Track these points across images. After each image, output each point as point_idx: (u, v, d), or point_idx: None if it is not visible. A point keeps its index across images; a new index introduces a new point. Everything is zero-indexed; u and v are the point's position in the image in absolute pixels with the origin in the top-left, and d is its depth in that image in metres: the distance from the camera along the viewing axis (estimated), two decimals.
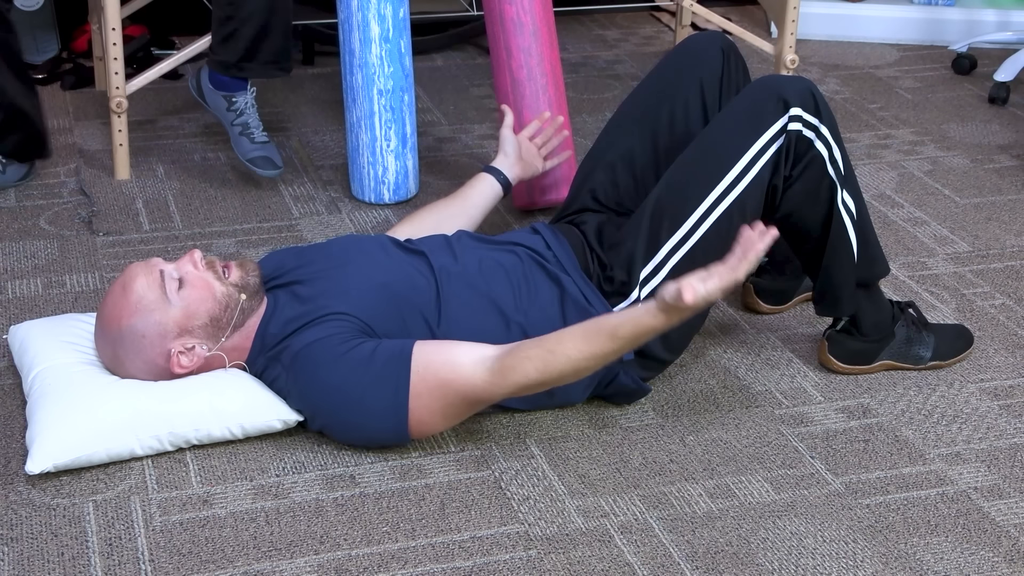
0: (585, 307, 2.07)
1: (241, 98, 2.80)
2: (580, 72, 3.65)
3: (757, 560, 1.81)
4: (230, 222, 2.74)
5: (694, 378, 2.23)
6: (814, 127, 2.07)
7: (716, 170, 2.07)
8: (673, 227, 2.08)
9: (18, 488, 1.91)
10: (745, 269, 1.84)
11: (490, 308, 2.05)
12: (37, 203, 2.77)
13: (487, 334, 2.00)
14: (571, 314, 2.06)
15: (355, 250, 2.12)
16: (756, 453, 2.04)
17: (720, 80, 2.27)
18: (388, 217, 2.78)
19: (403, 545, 1.82)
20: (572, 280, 2.10)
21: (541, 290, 2.09)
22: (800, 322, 2.42)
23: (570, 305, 2.07)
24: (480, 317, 2.04)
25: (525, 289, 2.08)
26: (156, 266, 2.01)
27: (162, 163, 3.00)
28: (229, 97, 2.80)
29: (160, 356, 1.99)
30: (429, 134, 3.20)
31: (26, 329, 2.17)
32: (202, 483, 1.93)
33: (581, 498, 1.93)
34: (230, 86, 2.80)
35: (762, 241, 1.84)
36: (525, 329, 2.03)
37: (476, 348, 1.92)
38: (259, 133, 2.83)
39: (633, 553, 1.82)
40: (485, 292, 2.06)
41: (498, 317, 2.05)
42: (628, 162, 2.29)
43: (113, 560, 1.78)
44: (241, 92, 2.80)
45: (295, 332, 1.99)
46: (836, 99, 3.43)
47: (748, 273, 1.85)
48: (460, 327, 2.02)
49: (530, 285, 2.09)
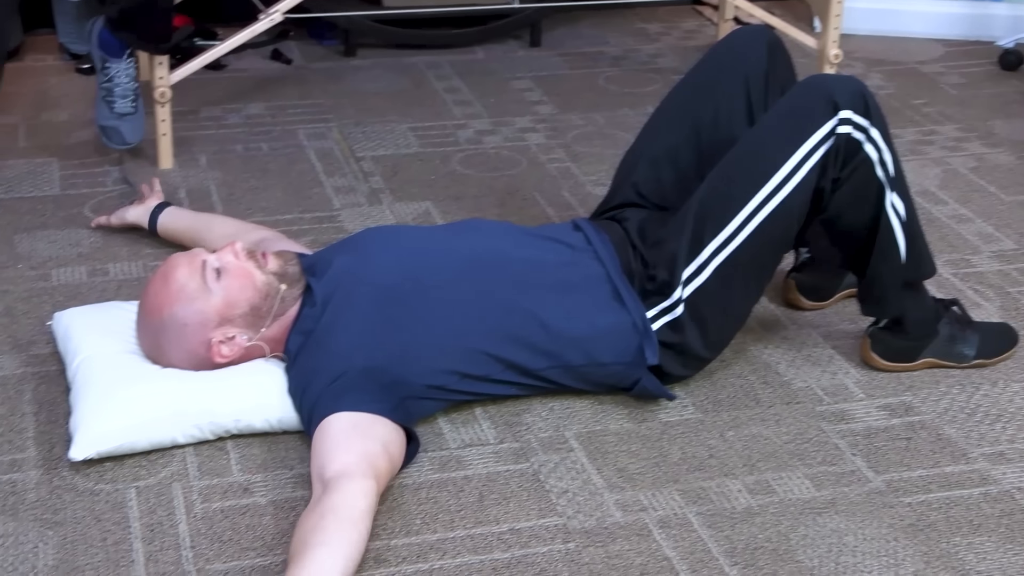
0: (617, 308, 2.06)
1: (115, 65, 2.79)
2: (621, 66, 3.64)
3: (797, 557, 1.80)
4: (271, 212, 2.75)
5: (734, 373, 2.22)
6: (864, 129, 2.04)
7: (762, 172, 2.05)
8: (717, 228, 2.06)
9: (62, 473, 1.93)
10: None
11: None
12: (82, 192, 2.80)
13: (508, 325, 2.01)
14: (603, 317, 2.05)
15: (378, 238, 2.13)
16: (796, 449, 2.03)
17: (766, 77, 2.25)
18: (429, 209, 2.78)
19: (441, 536, 1.82)
20: (611, 279, 2.09)
21: (577, 289, 2.08)
22: (842, 318, 2.40)
23: (605, 306, 2.06)
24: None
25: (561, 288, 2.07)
26: (198, 255, 2.02)
27: (205, 153, 3.01)
28: (104, 59, 2.79)
29: (201, 345, 2.01)
30: (469, 126, 3.20)
31: (70, 316, 2.19)
32: (242, 471, 1.95)
33: (620, 492, 1.92)
34: (109, 48, 2.78)
35: None
36: (553, 329, 2.03)
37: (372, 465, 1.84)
38: (123, 104, 2.80)
39: (671, 548, 1.81)
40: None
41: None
42: (671, 158, 2.28)
43: (155, 546, 1.79)
44: (116, 59, 2.78)
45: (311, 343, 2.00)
46: (880, 95, 3.40)
47: None
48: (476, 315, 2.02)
49: (566, 284, 2.08)
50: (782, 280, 2.44)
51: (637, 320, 2.06)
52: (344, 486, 1.76)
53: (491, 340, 2.02)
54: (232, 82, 3.44)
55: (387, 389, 1.93)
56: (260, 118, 3.21)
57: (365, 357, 1.94)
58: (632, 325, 2.06)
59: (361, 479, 1.78)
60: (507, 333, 2.02)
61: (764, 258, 2.11)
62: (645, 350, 2.06)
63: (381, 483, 1.82)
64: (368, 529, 1.74)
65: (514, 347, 2.02)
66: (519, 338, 2.02)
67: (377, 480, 1.80)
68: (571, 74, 3.57)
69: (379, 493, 1.81)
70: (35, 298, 2.39)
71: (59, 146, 3.02)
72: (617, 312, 2.06)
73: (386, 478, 1.85)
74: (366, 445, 1.84)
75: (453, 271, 2.05)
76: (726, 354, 2.25)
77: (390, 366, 1.95)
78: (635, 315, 2.06)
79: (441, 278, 2.04)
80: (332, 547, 1.68)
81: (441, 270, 2.05)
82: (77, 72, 3.46)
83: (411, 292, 2.01)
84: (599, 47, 3.77)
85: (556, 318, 2.03)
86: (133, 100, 2.81)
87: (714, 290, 2.07)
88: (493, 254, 2.09)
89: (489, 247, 2.11)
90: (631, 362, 2.07)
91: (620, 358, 2.07)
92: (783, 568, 1.78)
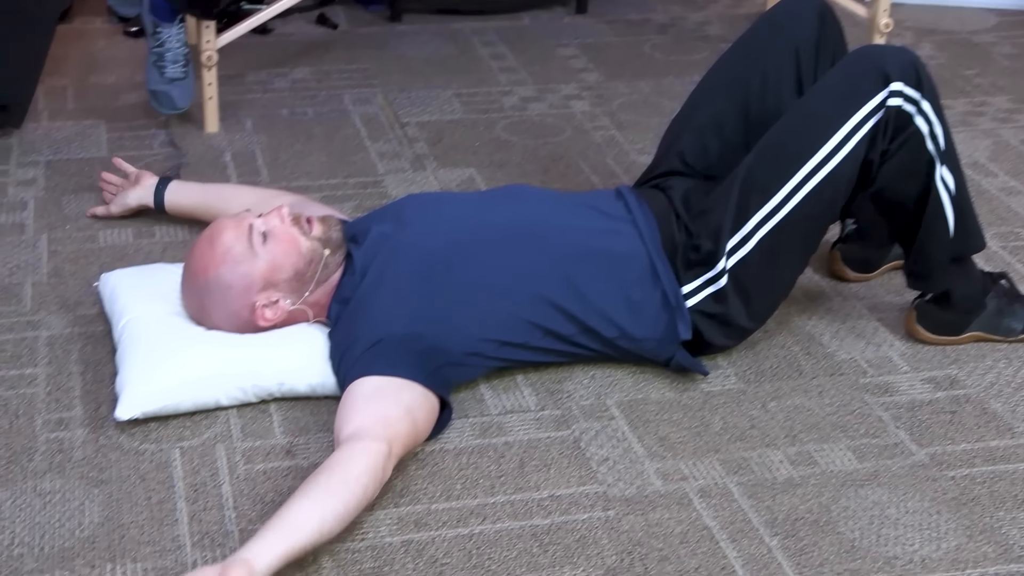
0: (652, 282, 2.05)
1: (166, 30, 2.79)
2: (668, 33, 3.61)
3: (838, 528, 1.80)
4: (316, 177, 2.76)
5: (777, 344, 2.21)
6: (915, 102, 2.02)
7: (810, 143, 2.03)
8: (763, 199, 2.05)
9: (108, 433, 1.95)
10: None
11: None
12: (129, 154, 2.81)
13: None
14: (637, 290, 2.04)
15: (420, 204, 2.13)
16: (839, 421, 2.02)
17: (816, 46, 2.22)
18: (472, 175, 2.78)
19: (482, 501, 1.83)
20: (648, 252, 2.08)
21: (614, 260, 2.07)
22: (888, 291, 2.38)
23: (639, 279, 2.06)
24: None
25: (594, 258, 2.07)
26: (245, 219, 2.03)
27: (250, 117, 3.02)
28: (156, 24, 2.80)
29: (245, 308, 2.02)
30: (514, 93, 3.19)
31: (117, 278, 2.21)
32: (285, 434, 1.96)
33: (660, 461, 1.92)
34: (161, 13, 2.79)
35: None
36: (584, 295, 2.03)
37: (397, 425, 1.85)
38: (173, 68, 2.81)
39: (712, 517, 1.81)
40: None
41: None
42: (717, 127, 2.26)
43: (198, 505, 1.81)
44: (167, 24, 2.79)
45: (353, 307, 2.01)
46: (931, 64, 3.34)
47: None
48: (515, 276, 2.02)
49: (604, 253, 2.07)
50: (827, 251, 2.43)
51: (671, 295, 2.05)
52: (349, 446, 1.78)
53: (530, 307, 2.02)
54: (278, 46, 3.45)
55: (423, 355, 1.93)
56: (306, 82, 3.22)
57: (403, 324, 1.95)
58: (665, 300, 2.05)
59: (369, 440, 1.78)
60: (546, 300, 2.02)
61: (809, 229, 2.09)
62: (678, 325, 2.05)
63: (398, 446, 1.82)
64: (364, 488, 1.73)
65: (552, 314, 2.02)
66: (557, 305, 2.02)
67: (390, 443, 1.80)
68: (617, 41, 3.55)
69: (394, 455, 1.80)
70: (82, 259, 2.42)
71: (107, 108, 3.04)
72: (651, 286, 2.05)
73: (406, 441, 1.84)
74: (386, 408, 1.84)
75: (493, 239, 2.05)
76: (769, 325, 2.23)
77: (428, 333, 1.95)
78: (669, 290, 2.05)
79: (481, 246, 2.04)
80: (312, 501, 1.69)
81: (481, 238, 2.05)
82: (125, 35, 3.48)
83: (450, 260, 2.01)
84: (646, 14, 3.74)
85: (592, 288, 2.03)
86: (184, 65, 2.83)
87: (758, 261, 2.06)
88: (533, 221, 2.08)
89: (529, 214, 2.10)
90: (663, 337, 2.06)
91: (652, 333, 2.06)
92: (824, 539, 1.77)
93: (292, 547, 1.65)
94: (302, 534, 1.66)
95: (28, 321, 2.22)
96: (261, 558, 1.61)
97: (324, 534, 1.68)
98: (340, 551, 1.73)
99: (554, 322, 2.03)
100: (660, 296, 2.05)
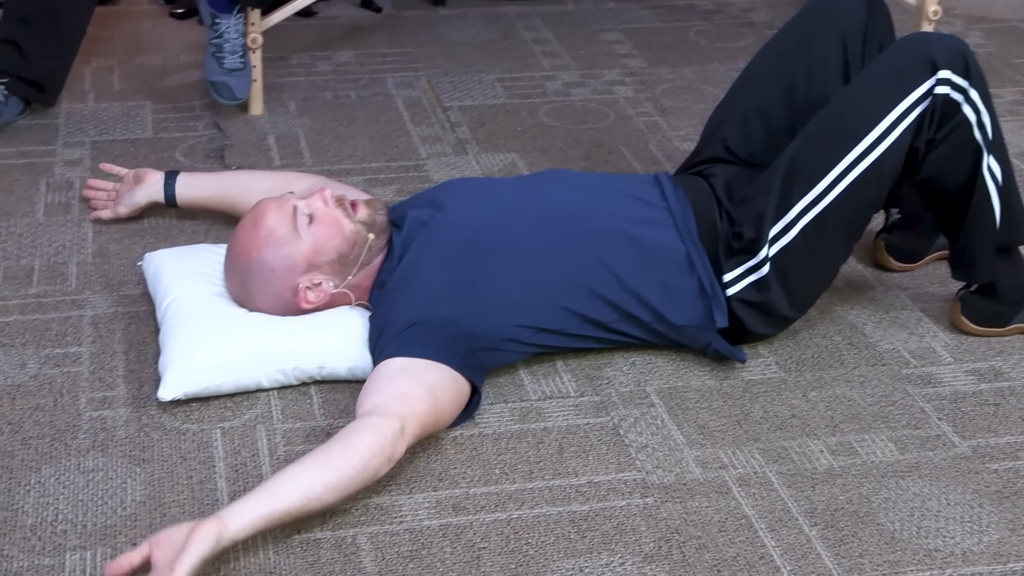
0: (687, 269, 2.04)
1: (224, 21, 2.81)
2: (713, 20, 3.59)
3: (878, 520, 1.78)
4: (358, 160, 2.76)
5: (819, 334, 2.20)
6: (963, 90, 2.00)
7: (855, 130, 2.01)
8: (807, 186, 2.03)
9: (150, 412, 1.97)
10: None
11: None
12: (173, 135, 2.83)
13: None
14: (673, 277, 2.04)
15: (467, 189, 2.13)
16: (881, 412, 2.01)
17: (864, 33, 2.20)
18: (515, 160, 2.78)
19: (520, 487, 1.83)
20: (683, 240, 2.06)
21: (650, 246, 2.06)
22: (932, 281, 2.36)
23: (675, 266, 2.05)
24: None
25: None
26: (288, 201, 2.04)
27: (294, 99, 3.03)
28: (214, 16, 2.81)
29: (288, 290, 2.03)
30: (557, 78, 3.19)
31: (160, 257, 2.22)
32: (325, 416, 1.97)
33: (700, 448, 1.92)
34: (219, 5, 2.80)
35: None
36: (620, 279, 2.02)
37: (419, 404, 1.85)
38: (232, 59, 2.83)
39: (751, 506, 1.81)
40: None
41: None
42: (762, 114, 2.25)
43: (239, 486, 1.82)
44: (226, 15, 2.81)
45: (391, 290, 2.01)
46: (979, 52, 3.31)
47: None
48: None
49: (640, 240, 2.06)
50: (871, 241, 2.41)
51: (706, 283, 2.04)
52: (361, 420, 1.78)
53: (567, 294, 2.01)
54: (322, 29, 3.46)
55: (456, 340, 1.93)
56: (349, 66, 3.23)
57: (437, 309, 1.95)
58: (700, 288, 2.04)
59: (381, 417, 1.78)
60: (583, 286, 2.01)
61: (853, 218, 2.08)
62: (714, 313, 2.04)
63: (414, 425, 1.81)
64: (364, 462, 1.73)
65: (589, 300, 2.02)
66: (593, 291, 2.01)
67: (404, 420, 1.79)
68: (661, 27, 3.53)
69: (408, 434, 1.79)
70: (127, 239, 2.44)
71: (152, 89, 3.06)
72: (687, 273, 2.04)
73: (424, 420, 1.83)
74: (407, 387, 1.85)
75: (529, 225, 2.04)
76: (811, 314, 2.22)
77: (462, 318, 1.95)
78: (704, 277, 2.04)
79: (517, 232, 2.03)
80: (304, 468, 1.70)
81: (517, 224, 2.04)
82: (171, 17, 3.50)
83: (486, 245, 2.01)
84: (690, 0, 3.72)
85: (628, 273, 2.02)
86: (242, 56, 2.85)
87: (801, 249, 2.05)
88: (569, 207, 2.08)
89: (565, 200, 2.09)
90: (699, 324, 2.06)
91: (689, 320, 2.05)
92: (863, 530, 1.76)
93: (273, 510, 1.65)
94: (285, 499, 1.66)
95: (73, 300, 2.24)
96: (237, 517, 1.63)
97: (311, 501, 1.68)
98: (378, 534, 1.74)
99: (591, 308, 2.03)
100: (696, 283, 2.05)
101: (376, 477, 1.76)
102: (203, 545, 1.58)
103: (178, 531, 1.60)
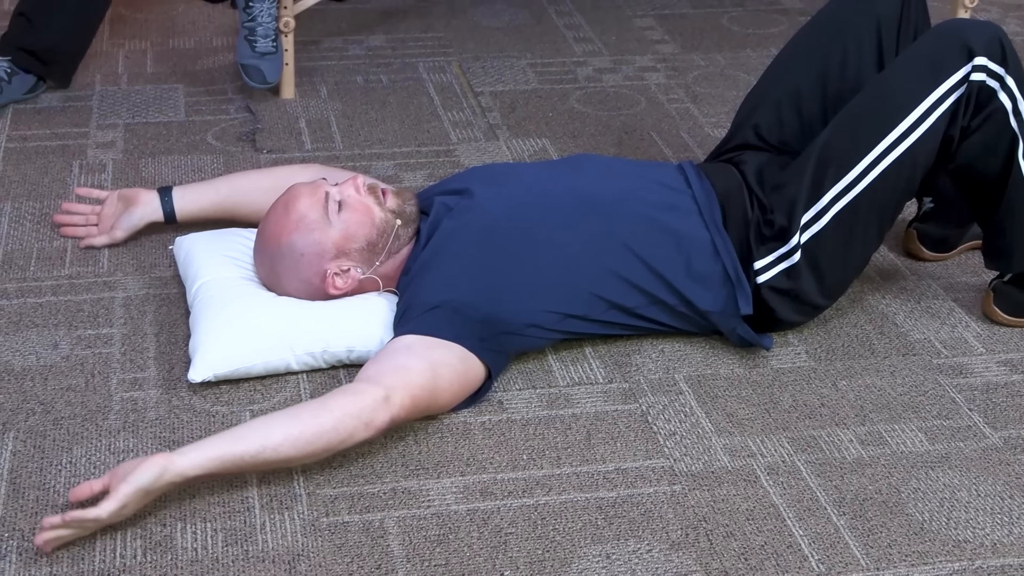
0: (711, 256, 2.03)
1: (258, 4, 2.82)
2: (746, 6, 3.57)
3: (907, 510, 1.78)
4: (389, 145, 2.76)
5: (850, 323, 2.19)
6: (999, 77, 1.98)
7: (889, 117, 2.00)
8: (839, 173, 2.02)
9: (181, 394, 1.98)
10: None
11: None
12: (205, 119, 2.84)
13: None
14: (698, 263, 2.03)
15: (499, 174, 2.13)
16: (911, 402, 2.00)
17: (898, 20, 2.19)
18: (545, 146, 2.77)
19: (548, 472, 1.84)
20: (707, 227, 2.05)
21: (676, 232, 2.05)
22: (964, 271, 2.35)
23: (699, 253, 2.04)
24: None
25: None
26: (320, 187, 2.04)
27: (325, 84, 3.04)
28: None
29: (316, 276, 2.03)
30: (589, 64, 3.18)
31: (191, 241, 2.23)
32: None
33: (728, 436, 1.91)
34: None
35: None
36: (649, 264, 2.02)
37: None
38: (264, 43, 2.83)
39: (779, 495, 1.80)
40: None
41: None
42: (794, 101, 2.23)
43: None
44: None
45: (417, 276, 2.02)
46: (1016, 40, 3.28)
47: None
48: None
49: (666, 226, 2.05)
50: (903, 229, 2.39)
51: (730, 269, 2.03)
52: (345, 386, 1.82)
53: (594, 279, 2.01)
54: (354, 13, 3.46)
55: (477, 323, 1.94)
56: (381, 50, 3.23)
57: (459, 293, 1.95)
58: (724, 274, 2.04)
59: (367, 383, 1.80)
60: (610, 271, 2.01)
61: (885, 206, 2.06)
62: (739, 300, 2.04)
63: (403, 395, 1.81)
64: (336, 423, 1.74)
65: (616, 285, 2.02)
66: (620, 276, 2.01)
67: (391, 390, 1.80)
68: (694, 13, 3.51)
69: (394, 403, 1.79)
70: (158, 222, 2.44)
71: (185, 72, 3.07)
72: (712, 259, 2.04)
73: (416, 393, 1.83)
74: (406, 360, 1.85)
75: (555, 212, 2.04)
76: (842, 302, 2.21)
77: (484, 304, 1.95)
78: (728, 264, 2.03)
79: (543, 218, 2.03)
80: (269, 418, 1.75)
81: (543, 211, 2.04)
82: (204, 0, 3.50)
83: (513, 233, 2.01)
84: None
85: (655, 258, 2.02)
86: (274, 40, 2.86)
87: (832, 237, 2.04)
88: (596, 193, 2.07)
89: (592, 186, 2.09)
90: (724, 311, 2.05)
91: (713, 306, 2.05)
92: (892, 520, 1.76)
93: (225, 452, 1.69)
94: (240, 443, 1.70)
95: (105, 282, 2.26)
96: (187, 455, 1.68)
97: (267, 450, 1.71)
98: (406, 518, 1.74)
99: (618, 294, 2.02)
100: (720, 270, 2.04)
101: (350, 441, 1.77)
102: (142, 477, 1.64)
103: (133, 463, 1.66)
